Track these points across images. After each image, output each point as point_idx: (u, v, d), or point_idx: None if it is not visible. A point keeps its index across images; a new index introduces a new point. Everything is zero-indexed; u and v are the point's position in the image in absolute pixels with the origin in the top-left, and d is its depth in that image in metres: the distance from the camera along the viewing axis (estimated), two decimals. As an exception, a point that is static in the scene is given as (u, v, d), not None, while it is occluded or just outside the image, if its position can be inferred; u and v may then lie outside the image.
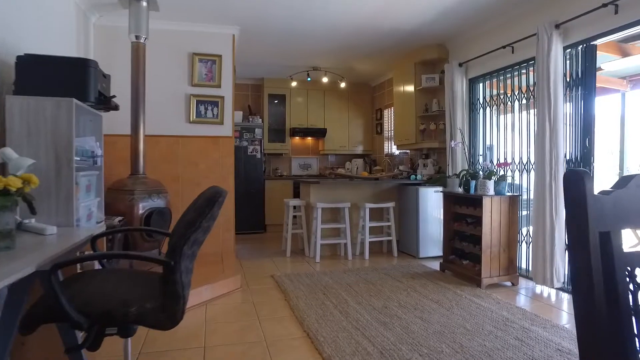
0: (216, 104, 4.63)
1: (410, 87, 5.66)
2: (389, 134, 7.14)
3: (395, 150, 6.82)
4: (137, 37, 3.75)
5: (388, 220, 5.05)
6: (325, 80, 6.80)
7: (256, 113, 7.18)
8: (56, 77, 2.35)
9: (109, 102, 2.85)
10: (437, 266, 4.39)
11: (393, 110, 6.46)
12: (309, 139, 7.77)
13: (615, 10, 3.07)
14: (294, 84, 6.98)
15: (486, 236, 3.68)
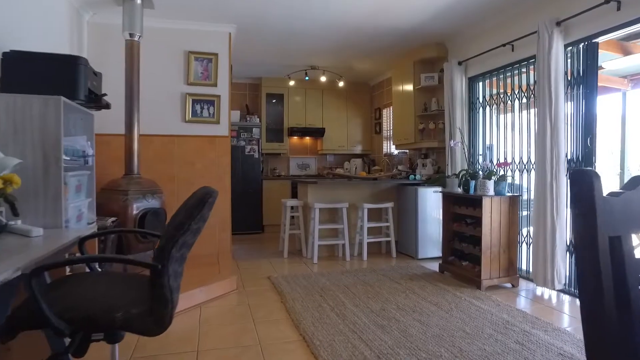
0: (212, 103, 4.57)
1: (409, 86, 5.61)
2: (387, 134, 7.08)
3: (394, 150, 6.77)
4: (131, 35, 3.70)
5: (386, 220, 4.99)
6: (323, 79, 6.74)
7: (254, 112, 7.12)
8: (44, 74, 2.30)
9: (99, 101, 2.79)
10: (436, 267, 4.33)
11: (392, 109, 6.40)
12: (307, 138, 7.71)
13: (617, 7, 3.01)
14: (292, 83, 6.93)
15: (486, 237, 3.62)
